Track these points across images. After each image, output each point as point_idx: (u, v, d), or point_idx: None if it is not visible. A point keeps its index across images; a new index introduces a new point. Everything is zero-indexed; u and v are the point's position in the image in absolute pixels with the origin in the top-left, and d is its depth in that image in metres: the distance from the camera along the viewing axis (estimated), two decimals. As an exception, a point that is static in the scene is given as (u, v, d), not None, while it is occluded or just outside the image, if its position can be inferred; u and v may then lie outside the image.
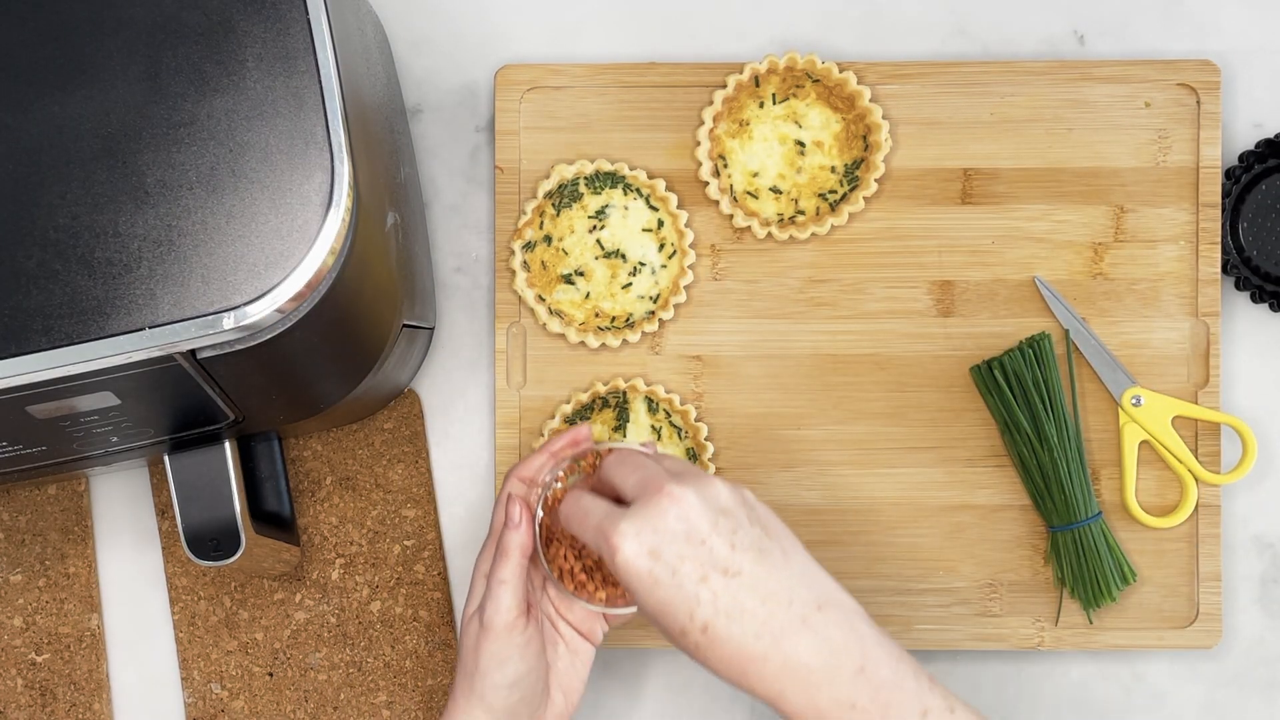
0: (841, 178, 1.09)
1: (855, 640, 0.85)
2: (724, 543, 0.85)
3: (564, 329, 1.09)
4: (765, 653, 0.84)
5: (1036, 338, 1.08)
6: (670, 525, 0.85)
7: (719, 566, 0.85)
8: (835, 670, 0.84)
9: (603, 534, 0.86)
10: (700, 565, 0.85)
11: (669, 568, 0.85)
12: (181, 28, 0.82)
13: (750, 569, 0.85)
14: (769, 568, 0.85)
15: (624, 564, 0.85)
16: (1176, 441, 1.09)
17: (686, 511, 0.85)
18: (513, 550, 0.94)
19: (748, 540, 0.86)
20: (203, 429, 0.97)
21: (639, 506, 0.86)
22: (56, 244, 0.80)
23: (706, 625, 0.84)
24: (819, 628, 0.85)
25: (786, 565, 0.86)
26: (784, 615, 0.85)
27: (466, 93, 1.13)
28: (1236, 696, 1.12)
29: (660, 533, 0.85)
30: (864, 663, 0.85)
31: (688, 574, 0.84)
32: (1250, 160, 1.11)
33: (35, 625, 1.12)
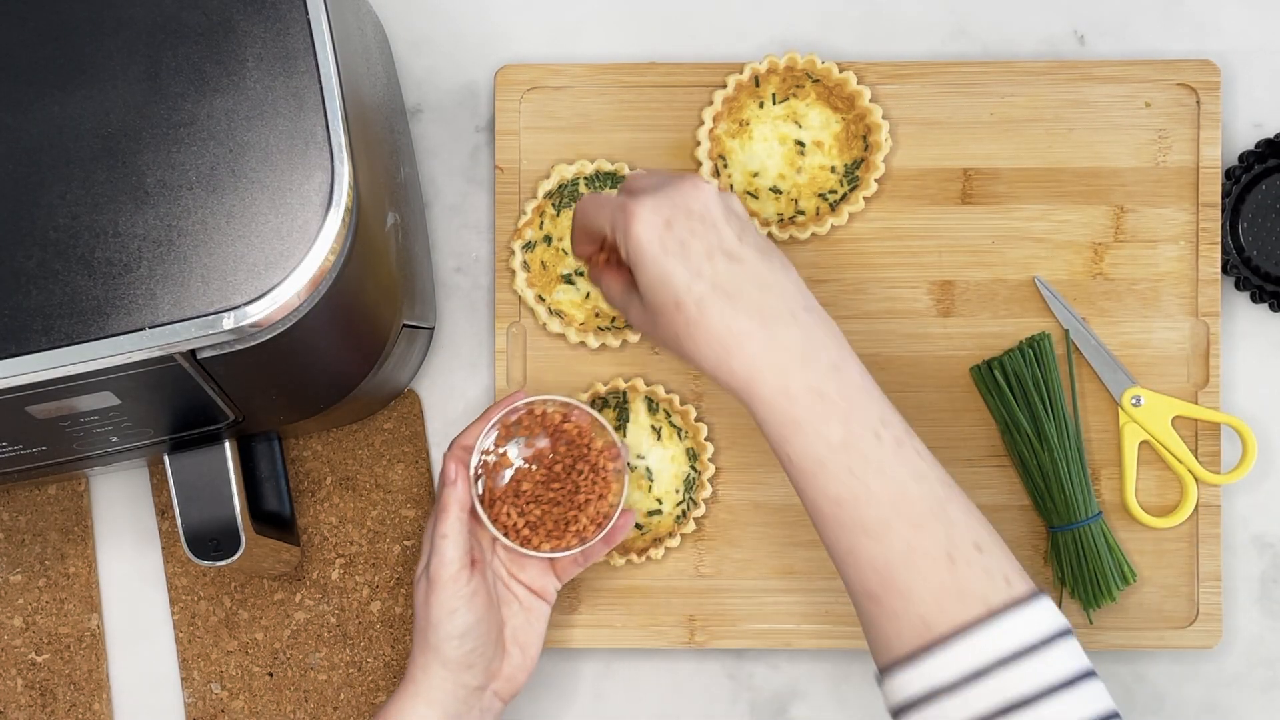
0: (841, 178, 1.09)
1: (835, 342, 0.89)
2: (733, 233, 0.89)
3: (564, 329, 1.09)
4: (753, 331, 0.87)
5: (1036, 338, 1.08)
6: (688, 203, 0.89)
7: (725, 249, 0.88)
8: (813, 358, 0.88)
9: (622, 206, 0.89)
10: (708, 244, 0.88)
11: (679, 239, 0.88)
12: (181, 28, 0.82)
13: (753, 260, 0.89)
14: (769, 266, 0.89)
15: (637, 231, 0.88)
16: (1176, 441, 1.09)
17: (706, 198, 0.89)
18: (451, 505, 0.98)
19: (754, 240, 0.90)
20: (203, 429, 0.97)
21: (659, 187, 0.90)
22: (56, 244, 0.80)
23: (702, 297, 0.87)
24: (805, 323, 0.89)
25: (785, 271, 0.90)
26: (776, 304, 0.88)
27: (466, 93, 1.13)
28: (1236, 696, 1.12)
29: (677, 207, 0.88)
30: (840, 362, 0.88)
31: (696, 248, 0.88)
32: (1250, 160, 1.11)
33: (35, 625, 1.12)
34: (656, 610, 1.10)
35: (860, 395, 0.88)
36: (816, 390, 0.87)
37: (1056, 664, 0.84)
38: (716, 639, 1.10)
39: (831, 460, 0.87)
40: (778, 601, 1.10)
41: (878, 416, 0.88)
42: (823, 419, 0.87)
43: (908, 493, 0.86)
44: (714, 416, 1.11)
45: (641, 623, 1.10)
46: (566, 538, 1.01)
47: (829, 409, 0.87)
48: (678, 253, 0.88)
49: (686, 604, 1.10)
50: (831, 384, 0.87)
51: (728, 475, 1.11)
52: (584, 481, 1.01)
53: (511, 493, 1.01)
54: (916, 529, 0.86)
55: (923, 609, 0.85)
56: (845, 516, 0.87)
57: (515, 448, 1.02)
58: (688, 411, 1.09)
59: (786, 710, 1.12)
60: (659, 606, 1.11)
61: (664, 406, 1.09)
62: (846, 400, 0.87)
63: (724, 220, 0.89)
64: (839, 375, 0.88)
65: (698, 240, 0.88)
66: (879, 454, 0.87)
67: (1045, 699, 0.83)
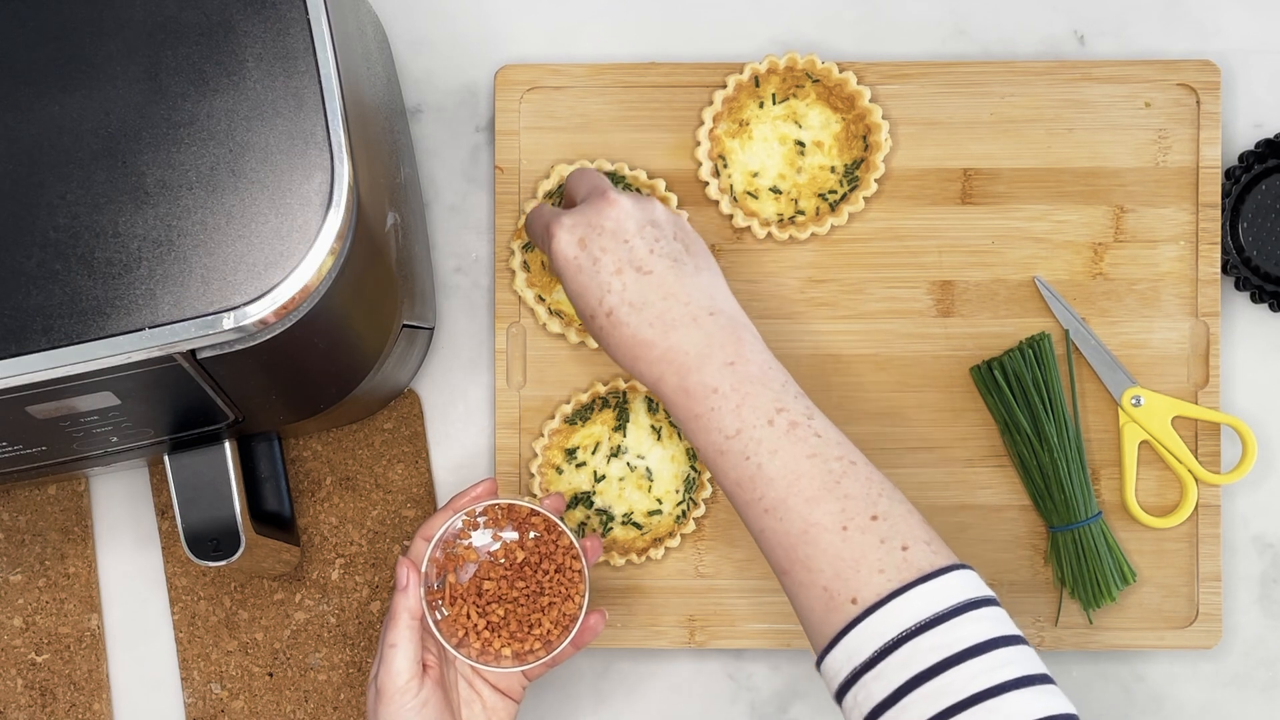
0: (841, 178, 1.09)
1: (733, 341, 0.94)
2: (645, 246, 0.95)
3: (564, 329, 1.09)
4: (654, 339, 0.94)
5: (1036, 338, 1.08)
6: (602, 222, 0.96)
7: (634, 263, 0.95)
8: (707, 359, 0.93)
9: (546, 226, 0.97)
10: (618, 259, 0.95)
11: (591, 256, 0.95)
12: (181, 28, 0.82)
13: (661, 272, 0.95)
14: (678, 274, 0.95)
15: (557, 249, 0.96)
16: (1176, 442, 1.09)
17: (619, 214, 0.96)
18: (400, 613, 0.98)
19: (667, 249, 0.96)
20: (203, 429, 0.97)
21: (581, 205, 0.97)
22: (56, 244, 0.80)
23: (611, 310, 0.95)
24: (705, 326, 0.94)
25: (695, 276, 0.96)
26: (678, 312, 0.94)
27: (466, 93, 1.13)
28: (1236, 696, 1.12)
29: (592, 227, 0.96)
30: (735, 359, 0.93)
31: (606, 264, 0.95)
32: (1250, 160, 1.11)
33: (35, 625, 1.12)
34: (656, 610, 1.10)
35: (755, 386, 0.93)
36: (710, 387, 0.93)
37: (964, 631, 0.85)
38: (716, 639, 1.10)
39: (728, 447, 0.92)
40: (778, 601, 1.10)
41: (772, 404, 0.92)
42: (718, 413, 0.92)
43: (800, 470, 0.91)
44: (714, 416, 1.11)
45: (641, 623, 1.10)
46: (529, 640, 0.99)
47: (723, 402, 0.92)
48: (590, 269, 0.95)
49: (686, 604, 1.10)
50: (725, 380, 0.93)
51: (728, 475, 1.11)
52: (549, 582, 0.99)
53: (474, 590, 0.99)
54: (810, 504, 0.90)
55: (823, 579, 0.88)
56: (747, 497, 0.92)
57: (480, 538, 1.00)
58: (688, 411, 1.09)
59: (786, 710, 1.12)
60: (659, 606, 1.11)
61: (664, 406, 1.09)
62: (739, 393, 0.92)
63: (637, 233, 0.95)
64: (733, 371, 0.93)
65: (608, 256, 0.95)
66: (771, 438, 0.91)
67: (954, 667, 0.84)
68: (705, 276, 0.96)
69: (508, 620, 0.99)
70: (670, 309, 0.94)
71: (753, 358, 0.94)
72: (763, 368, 0.93)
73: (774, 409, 0.92)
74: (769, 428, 0.91)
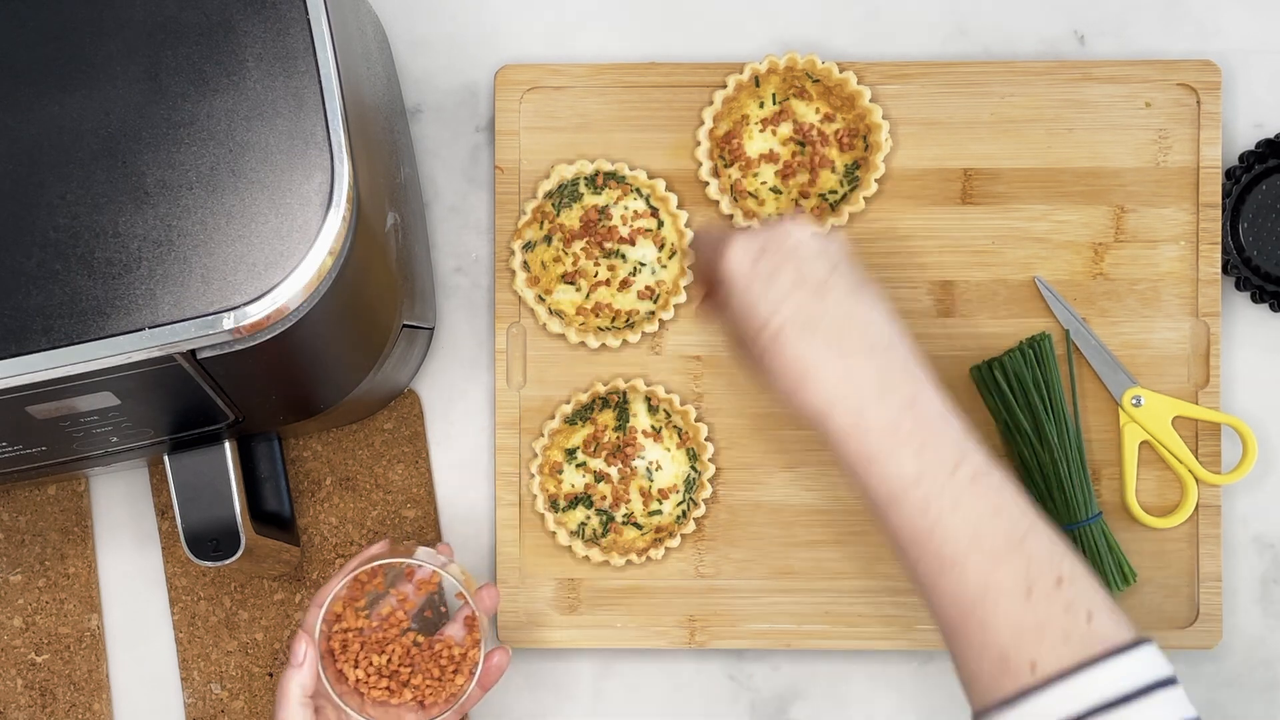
0: (841, 178, 1.09)
1: (913, 380, 0.89)
2: (825, 267, 0.91)
3: (564, 329, 1.09)
4: (828, 361, 0.88)
5: (1037, 338, 1.08)
6: (780, 239, 0.91)
7: (813, 282, 0.90)
8: (889, 393, 0.88)
9: (722, 239, 0.92)
10: (795, 276, 0.90)
11: (768, 270, 0.90)
12: (181, 28, 0.82)
13: (839, 297, 0.90)
14: (855, 302, 0.90)
15: (729, 261, 0.91)
16: (1177, 442, 1.09)
17: (799, 235, 0.92)
18: (292, 690, 0.97)
19: (846, 277, 0.91)
20: (203, 429, 0.97)
21: (758, 229, 0.93)
22: (56, 244, 0.80)
23: (781, 328, 0.89)
24: (882, 359, 0.89)
25: (872, 308, 0.91)
26: (855, 338, 0.89)
27: (466, 93, 1.13)
28: (1236, 696, 1.12)
29: (770, 241, 0.91)
30: (917, 398, 0.88)
31: (782, 280, 0.90)
32: (1250, 160, 1.11)
33: (35, 625, 1.12)
34: (656, 610, 1.10)
35: (936, 430, 0.88)
36: (891, 425, 0.87)
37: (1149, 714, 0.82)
38: (716, 639, 1.10)
39: (906, 495, 0.86)
40: (778, 601, 1.10)
41: (954, 451, 0.87)
42: (896, 454, 0.87)
43: (983, 527, 0.86)
44: (714, 417, 1.11)
45: (641, 623, 1.10)
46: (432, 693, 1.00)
47: (902, 444, 0.87)
48: (764, 282, 0.90)
49: (686, 604, 1.10)
50: (906, 419, 0.87)
51: (728, 475, 1.11)
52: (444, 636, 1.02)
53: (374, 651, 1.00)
54: (993, 563, 0.85)
55: (1000, 641, 0.84)
56: (921, 550, 0.87)
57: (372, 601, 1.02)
58: (688, 412, 1.09)
59: (786, 710, 1.12)
60: (659, 606, 1.11)
61: (664, 406, 1.09)
62: (921, 435, 0.87)
63: (815, 256, 0.91)
64: (914, 410, 0.88)
65: (785, 273, 0.90)
66: (954, 489, 0.86)
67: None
68: (881, 311, 0.91)
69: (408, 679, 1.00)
70: (847, 334, 0.89)
71: (933, 399, 0.89)
72: (942, 411, 0.88)
73: (957, 457, 0.87)
74: (950, 477, 0.86)
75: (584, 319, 1.09)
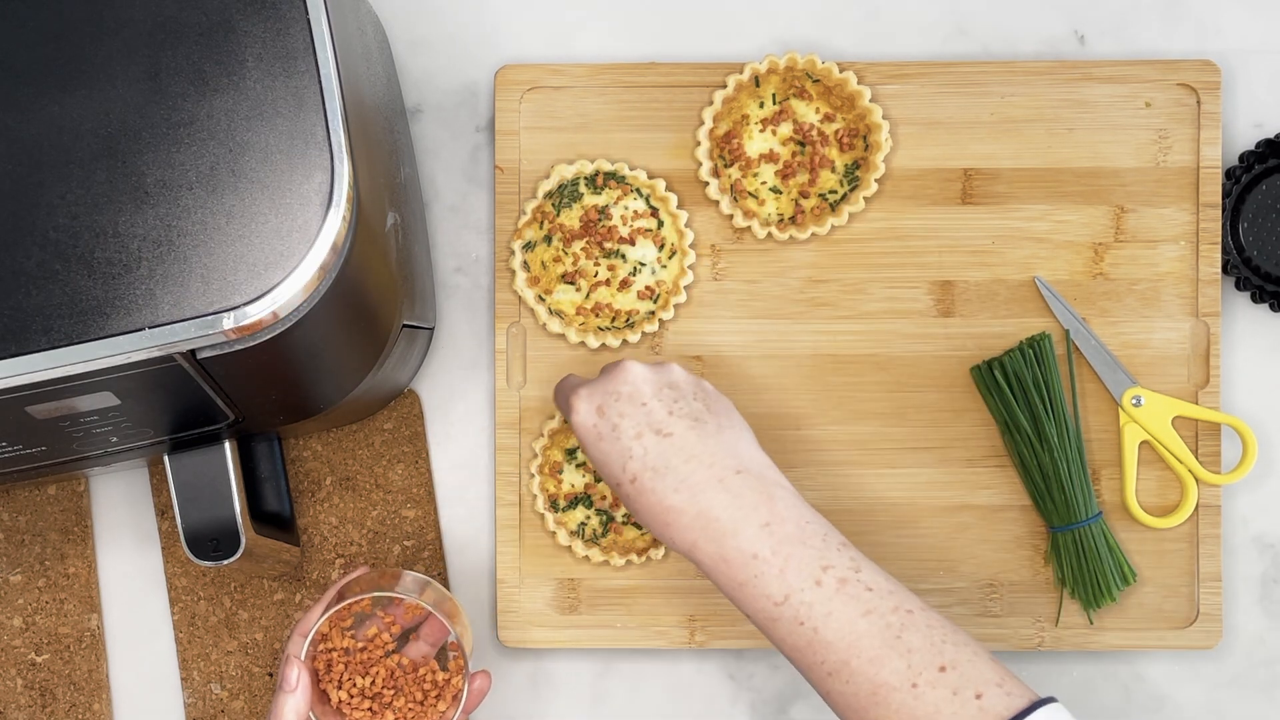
0: (841, 178, 1.09)
1: (765, 500, 0.92)
2: (663, 408, 0.94)
3: (564, 329, 1.09)
4: (682, 505, 0.92)
5: (1036, 338, 1.08)
6: (619, 388, 0.95)
7: (654, 427, 0.94)
8: (742, 523, 0.91)
9: (565, 397, 0.98)
10: (638, 424, 0.94)
11: (610, 423, 0.94)
12: (181, 28, 0.82)
13: (682, 433, 0.93)
14: (700, 435, 0.94)
15: (577, 420, 0.96)
16: (1177, 442, 1.09)
17: (635, 379, 0.95)
18: (287, 716, 0.97)
19: (686, 410, 0.95)
20: (202, 429, 0.97)
21: (599, 376, 0.97)
22: (56, 244, 0.80)
23: (635, 476, 0.93)
24: (733, 487, 0.92)
25: (717, 435, 0.94)
26: (703, 474, 0.92)
27: (466, 93, 1.13)
28: (1236, 696, 1.12)
29: (609, 394, 0.95)
30: (770, 520, 0.92)
31: (626, 430, 0.94)
32: (1250, 160, 1.11)
33: (35, 625, 1.12)
34: (656, 610, 1.10)
35: (795, 545, 0.91)
36: (749, 553, 0.91)
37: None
38: (716, 639, 1.10)
39: (779, 614, 0.90)
40: (778, 601, 1.10)
41: (816, 562, 0.90)
42: (762, 579, 0.91)
43: (858, 632, 0.88)
44: (714, 416, 1.11)
45: (641, 623, 1.10)
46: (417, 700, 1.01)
47: (765, 569, 0.90)
48: (610, 437, 0.94)
49: (686, 604, 1.10)
50: (764, 544, 0.91)
51: (728, 475, 1.11)
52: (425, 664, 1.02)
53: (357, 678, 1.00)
54: (875, 665, 0.88)
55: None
56: (807, 661, 0.90)
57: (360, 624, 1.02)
58: (688, 411, 1.09)
59: (786, 710, 1.12)
60: (659, 606, 1.10)
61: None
62: (782, 557, 0.91)
63: (654, 396, 0.95)
64: (770, 533, 0.91)
65: (627, 421, 0.94)
66: (822, 600, 0.89)
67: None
68: (729, 434, 0.94)
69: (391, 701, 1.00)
70: (695, 472, 0.92)
71: (788, 515, 0.92)
72: (799, 525, 0.92)
73: (819, 568, 0.90)
74: (817, 589, 0.89)
75: (584, 319, 1.09)
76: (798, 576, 0.90)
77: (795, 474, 1.10)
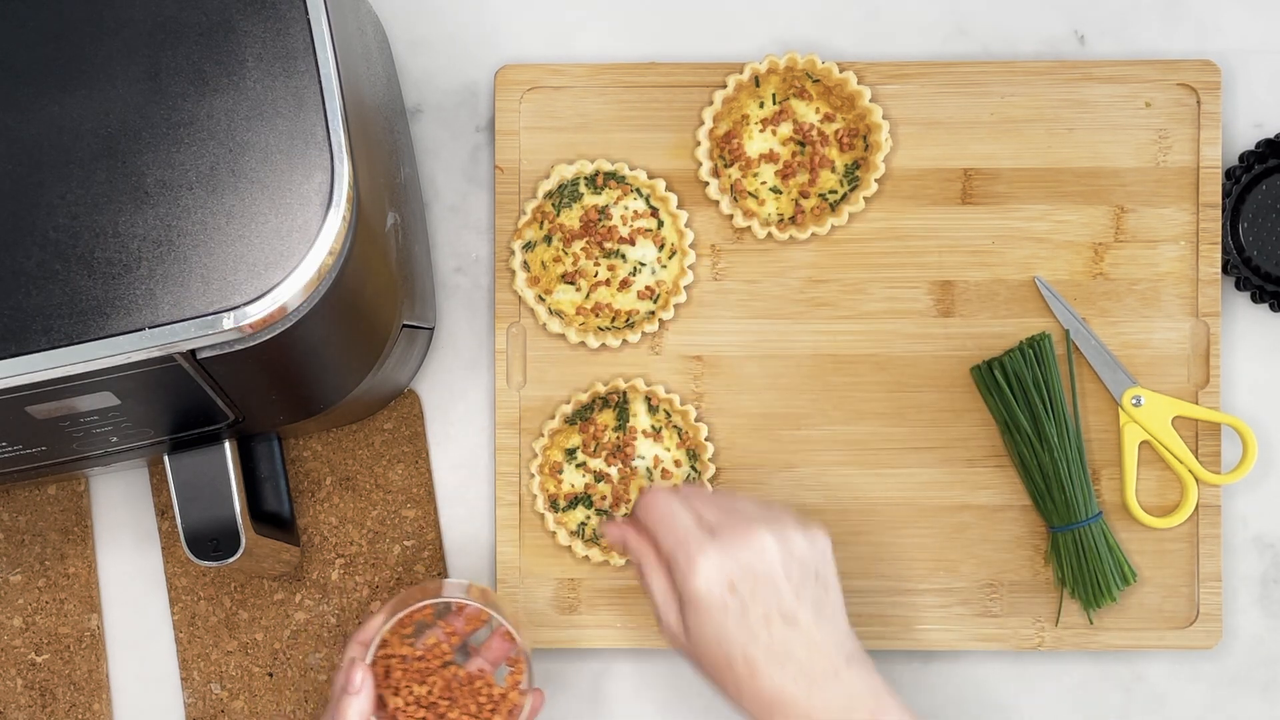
0: (841, 178, 1.09)
1: (871, 693, 0.92)
2: (792, 591, 0.92)
3: (564, 329, 1.09)
4: (798, 696, 0.90)
5: (1036, 338, 1.08)
6: (752, 562, 0.91)
7: (783, 613, 0.91)
8: (850, 714, 0.91)
9: (686, 549, 0.92)
10: (767, 608, 0.91)
11: (741, 601, 0.90)
12: (181, 28, 0.82)
13: (806, 620, 0.91)
14: (821, 622, 0.92)
15: (702, 585, 0.91)
16: (1177, 442, 1.09)
17: (770, 557, 0.91)
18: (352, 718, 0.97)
19: (810, 594, 0.92)
20: (203, 429, 0.97)
21: (726, 535, 0.92)
22: (56, 244, 0.80)
23: (753, 661, 0.90)
24: (846, 679, 0.91)
25: (834, 621, 0.93)
26: (822, 665, 0.91)
27: (466, 93, 1.13)
28: (1236, 696, 1.12)
29: (743, 566, 0.91)
30: (876, 711, 0.91)
31: (755, 612, 0.91)
32: (1250, 160, 1.11)
33: (35, 625, 1.12)
34: (656, 610, 1.10)
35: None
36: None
37: None
38: (716, 639, 1.10)
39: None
40: (778, 601, 1.10)
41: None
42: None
43: None
44: (714, 417, 1.11)
45: (641, 623, 1.10)
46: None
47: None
48: (738, 614, 0.91)
49: (686, 604, 1.10)
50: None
51: (728, 475, 1.11)
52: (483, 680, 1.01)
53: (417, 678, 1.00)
54: None
55: None
56: None
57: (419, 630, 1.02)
58: (688, 412, 1.09)
59: (786, 710, 1.12)
60: (659, 606, 1.10)
61: (664, 406, 1.09)
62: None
63: (785, 577, 0.92)
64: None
65: (758, 604, 0.91)
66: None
67: None
68: (840, 617, 0.94)
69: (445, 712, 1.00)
70: (815, 661, 0.91)
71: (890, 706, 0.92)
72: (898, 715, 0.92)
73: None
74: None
75: (584, 319, 1.09)
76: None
77: (795, 474, 1.10)
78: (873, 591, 1.10)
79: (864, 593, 1.10)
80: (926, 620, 1.10)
